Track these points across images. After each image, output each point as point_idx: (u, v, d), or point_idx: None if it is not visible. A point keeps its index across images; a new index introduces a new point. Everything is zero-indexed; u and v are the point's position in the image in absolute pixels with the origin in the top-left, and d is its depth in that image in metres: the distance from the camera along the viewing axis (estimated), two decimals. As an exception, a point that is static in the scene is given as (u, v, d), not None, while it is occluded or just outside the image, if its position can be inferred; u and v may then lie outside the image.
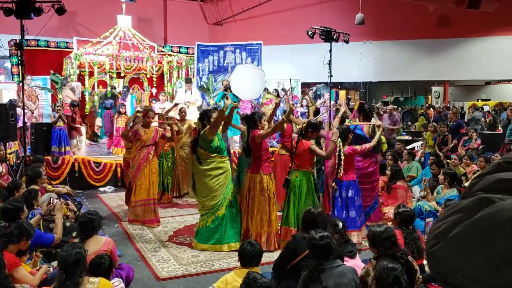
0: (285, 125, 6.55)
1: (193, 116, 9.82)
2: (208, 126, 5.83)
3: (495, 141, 11.74)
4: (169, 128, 7.65)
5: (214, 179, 5.74)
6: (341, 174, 6.03)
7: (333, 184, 6.13)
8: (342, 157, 6.00)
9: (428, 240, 0.85)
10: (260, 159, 5.84)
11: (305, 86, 19.17)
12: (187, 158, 8.61)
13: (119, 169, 9.70)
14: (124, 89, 13.30)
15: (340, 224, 4.54)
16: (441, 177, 7.08)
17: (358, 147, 6.13)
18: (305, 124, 6.01)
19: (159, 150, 8.07)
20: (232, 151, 9.56)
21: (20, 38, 8.41)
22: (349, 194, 6.08)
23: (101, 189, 9.55)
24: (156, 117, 7.71)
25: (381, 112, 13.24)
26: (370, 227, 3.96)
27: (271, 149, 6.83)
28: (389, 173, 7.54)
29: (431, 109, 21.35)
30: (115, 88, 13.63)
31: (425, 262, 4.52)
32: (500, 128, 14.61)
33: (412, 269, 3.45)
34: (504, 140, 10.88)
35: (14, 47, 10.42)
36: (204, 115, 6.01)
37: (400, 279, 3.06)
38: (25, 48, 8.86)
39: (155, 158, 7.28)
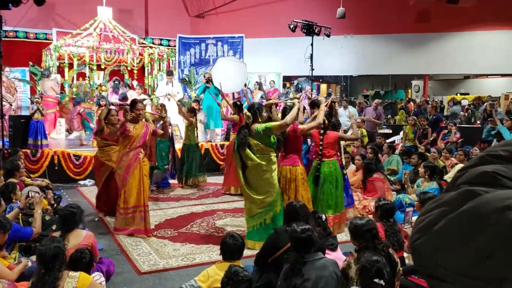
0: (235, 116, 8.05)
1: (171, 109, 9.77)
2: (262, 120, 5.61)
3: (473, 135, 11.93)
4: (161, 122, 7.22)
5: (273, 173, 5.51)
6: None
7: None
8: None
9: (412, 233, 0.85)
10: (299, 151, 6.06)
11: (287, 79, 19.20)
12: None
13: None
14: (115, 82, 13.14)
15: (324, 217, 4.57)
16: (421, 170, 7.15)
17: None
18: (325, 118, 6.12)
19: (149, 150, 7.28)
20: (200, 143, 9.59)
21: (-3, 29, 8.25)
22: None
23: (81, 182, 9.45)
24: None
25: (363, 103, 13.37)
26: (352, 220, 3.99)
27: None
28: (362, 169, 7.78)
29: (411, 103, 21.56)
30: (119, 81, 13.38)
31: (405, 254, 4.58)
32: (478, 122, 14.84)
33: (393, 262, 3.48)
34: (482, 136, 11.05)
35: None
36: (254, 108, 5.59)
37: (383, 271, 3.10)
38: (3, 39, 8.69)
39: (146, 158, 6.37)
